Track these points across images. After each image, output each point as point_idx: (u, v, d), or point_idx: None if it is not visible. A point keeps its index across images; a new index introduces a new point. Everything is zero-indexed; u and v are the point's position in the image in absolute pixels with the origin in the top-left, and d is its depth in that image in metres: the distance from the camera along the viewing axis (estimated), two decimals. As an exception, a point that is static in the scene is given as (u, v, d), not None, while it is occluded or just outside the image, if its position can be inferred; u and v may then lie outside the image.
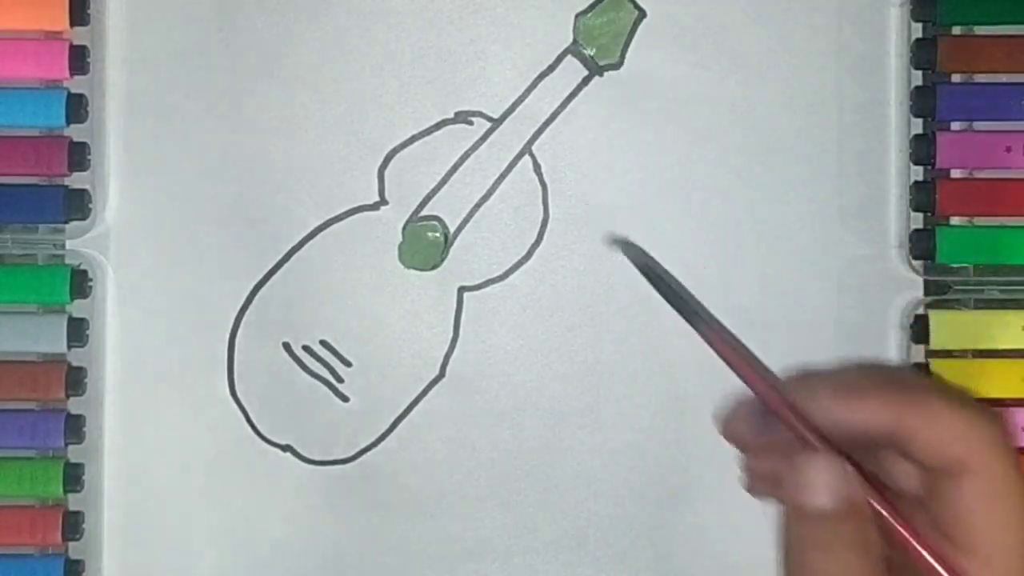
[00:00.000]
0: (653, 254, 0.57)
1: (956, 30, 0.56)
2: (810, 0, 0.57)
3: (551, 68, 0.57)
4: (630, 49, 0.57)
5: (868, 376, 0.41)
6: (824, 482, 0.37)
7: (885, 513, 0.37)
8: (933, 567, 0.36)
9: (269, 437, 0.57)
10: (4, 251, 0.57)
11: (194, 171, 0.57)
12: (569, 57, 0.57)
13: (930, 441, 0.37)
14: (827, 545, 0.36)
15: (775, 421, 0.40)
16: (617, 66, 0.57)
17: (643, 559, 0.57)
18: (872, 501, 0.37)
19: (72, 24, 0.56)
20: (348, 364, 0.57)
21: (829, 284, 0.57)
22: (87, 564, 0.57)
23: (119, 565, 0.58)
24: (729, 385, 0.57)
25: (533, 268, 0.57)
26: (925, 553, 0.36)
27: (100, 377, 0.57)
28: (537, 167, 0.57)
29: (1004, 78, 0.56)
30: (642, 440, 0.57)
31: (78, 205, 0.56)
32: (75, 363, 0.57)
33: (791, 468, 0.38)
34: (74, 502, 0.57)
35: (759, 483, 0.42)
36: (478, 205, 0.57)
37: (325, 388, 0.57)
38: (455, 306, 0.57)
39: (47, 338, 0.56)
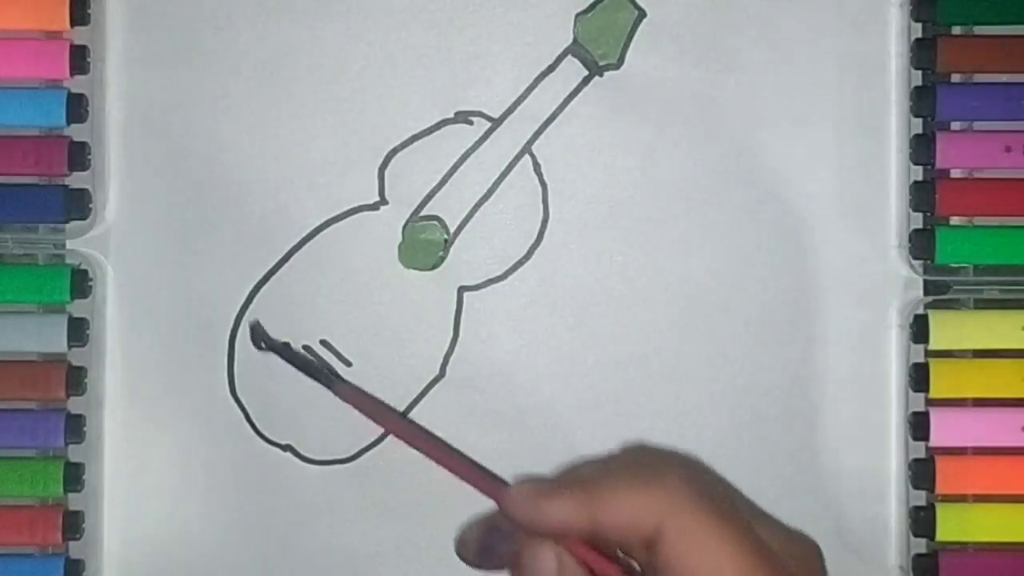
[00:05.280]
0: (653, 254, 0.57)
1: (956, 30, 0.56)
2: (810, 0, 0.57)
3: (551, 68, 0.57)
4: (630, 49, 0.57)
5: (578, 472, 0.44)
6: (531, 569, 0.41)
7: None
8: None
9: (269, 437, 0.57)
10: (4, 251, 0.57)
11: (194, 171, 0.57)
12: (569, 57, 0.57)
13: (620, 528, 0.40)
14: None
15: (497, 538, 0.44)
16: (617, 66, 0.57)
17: (643, 559, 0.57)
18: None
19: (72, 24, 0.56)
20: (348, 364, 0.57)
21: (829, 284, 0.57)
22: (87, 564, 0.57)
23: (119, 565, 0.58)
24: (728, 386, 0.57)
25: (533, 268, 0.57)
26: None
27: (100, 377, 0.57)
28: (537, 167, 0.57)
29: (1004, 78, 0.56)
30: (641, 440, 0.57)
31: (78, 205, 0.56)
32: (75, 363, 0.57)
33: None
34: (74, 502, 0.57)
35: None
36: (478, 205, 0.57)
37: (325, 388, 0.57)
38: (455, 306, 0.57)
39: (47, 338, 0.56)
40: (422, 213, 0.57)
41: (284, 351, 0.53)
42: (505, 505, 0.42)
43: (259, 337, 0.54)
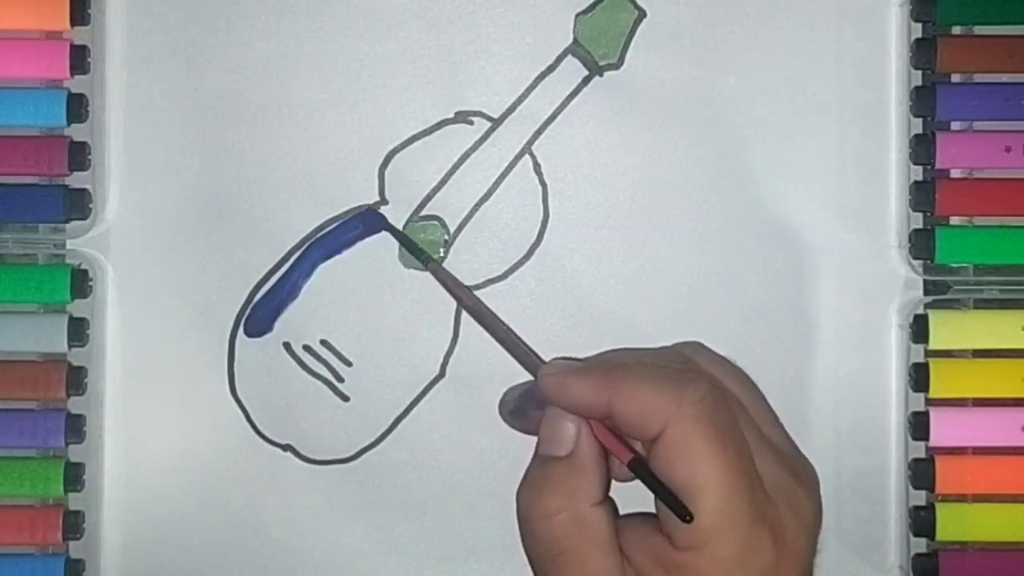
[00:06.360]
0: (653, 254, 0.57)
1: (956, 30, 0.56)
2: (810, 0, 0.57)
3: (551, 68, 0.57)
4: (630, 49, 0.57)
5: (610, 359, 0.46)
6: (551, 434, 0.44)
7: (623, 459, 0.43)
8: (656, 489, 0.42)
9: (269, 437, 0.57)
10: (4, 251, 0.57)
11: (194, 171, 0.57)
12: (569, 57, 0.57)
13: (629, 420, 0.42)
14: (550, 487, 0.43)
15: (530, 403, 0.47)
16: (617, 66, 0.57)
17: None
18: (610, 447, 0.44)
19: (72, 24, 0.56)
20: (348, 364, 0.57)
21: (829, 284, 0.57)
22: (87, 564, 0.57)
23: (119, 565, 0.58)
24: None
25: (533, 268, 0.57)
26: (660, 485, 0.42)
27: (100, 377, 0.57)
28: (537, 167, 0.57)
29: (1004, 78, 0.56)
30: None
31: (78, 205, 0.56)
32: (75, 363, 0.57)
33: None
34: (74, 502, 0.57)
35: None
36: (478, 205, 0.57)
37: (325, 388, 0.57)
38: (455, 306, 0.57)
39: (47, 338, 0.56)
40: (422, 213, 0.57)
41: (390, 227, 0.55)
42: (538, 377, 0.45)
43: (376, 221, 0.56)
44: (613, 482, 0.46)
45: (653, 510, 0.44)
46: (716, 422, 0.42)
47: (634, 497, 0.44)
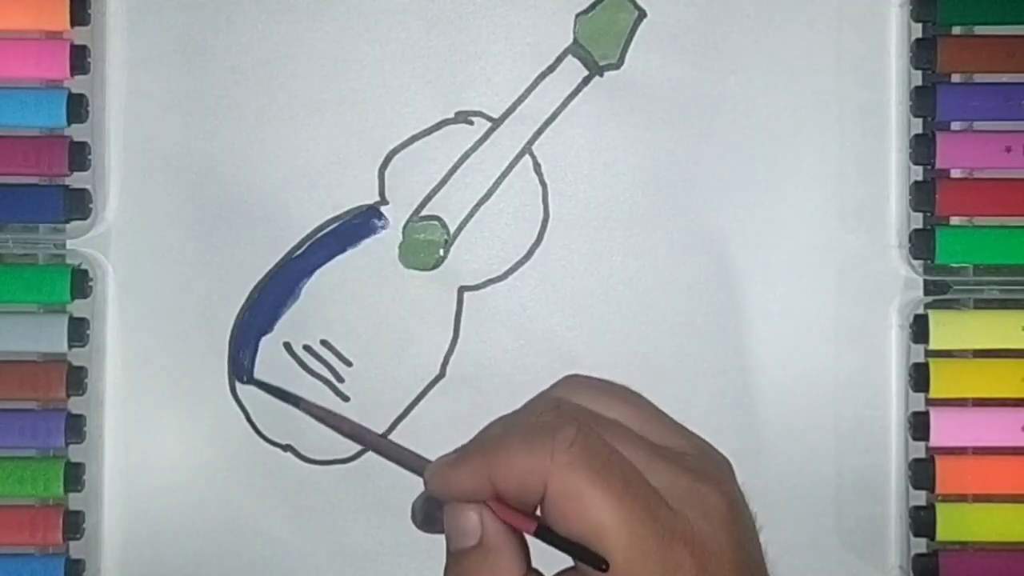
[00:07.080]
0: (652, 255, 0.57)
1: (956, 30, 0.56)
2: (810, 0, 0.57)
3: (551, 68, 0.57)
4: (630, 49, 0.57)
5: (483, 436, 0.45)
6: (455, 528, 0.43)
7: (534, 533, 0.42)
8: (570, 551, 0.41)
9: (269, 437, 0.57)
10: (5, 251, 0.57)
11: (194, 171, 0.57)
12: (569, 57, 0.57)
13: (514, 490, 0.41)
14: None
15: (434, 505, 0.45)
16: (617, 66, 0.57)
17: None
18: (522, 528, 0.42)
19: (72, 24, 0.56)
20: (348, 364, 0.57)
21: (829, 284, 0.57)
22: (87, 564, 0.57)
23: (119, 565, 0.58)
24: (728, 385, 0.57)
25: (533, 268, 0.57)
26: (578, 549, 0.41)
27: (100, 377, 0.57)
28: (537, 167, 0.57)
29: (1004, 78, 0.56)
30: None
31: (78, 205, 0.56)
32: (75, 363, 0.57)
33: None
34: (74, 502, 0.57)
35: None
36: (478, 205, 0.57)
37: (325, 388, 0.57)
38: (455, 306, 0.57)
39: (47, 338, 0.56)
40: (422, 213, 0.57)
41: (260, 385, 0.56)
42: (424, 481, 0.44)
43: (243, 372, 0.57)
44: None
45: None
46: (592, 460, 0.41)
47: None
